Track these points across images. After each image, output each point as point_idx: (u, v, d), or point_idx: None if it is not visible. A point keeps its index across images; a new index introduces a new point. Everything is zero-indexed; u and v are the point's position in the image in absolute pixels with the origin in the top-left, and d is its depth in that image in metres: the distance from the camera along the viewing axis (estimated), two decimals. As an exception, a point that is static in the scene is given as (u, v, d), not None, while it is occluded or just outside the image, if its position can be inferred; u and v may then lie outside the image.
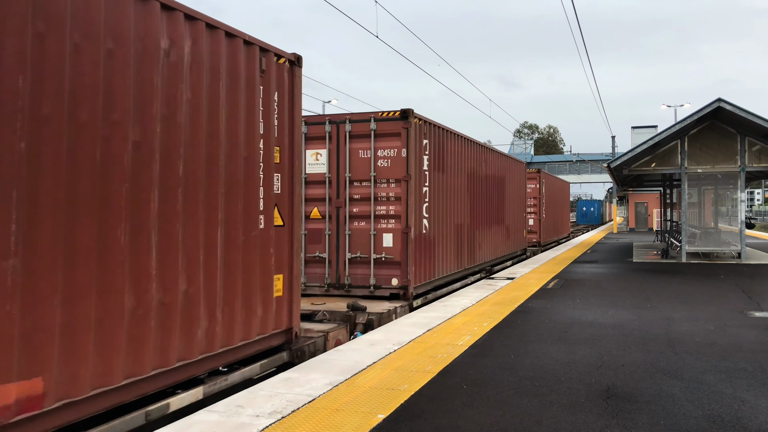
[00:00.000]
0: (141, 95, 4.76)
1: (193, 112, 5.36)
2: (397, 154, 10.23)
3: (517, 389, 5.16)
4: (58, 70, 4.05)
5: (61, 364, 4.05)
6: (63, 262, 4.08)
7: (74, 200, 4.18)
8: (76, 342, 4.17)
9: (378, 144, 10.33)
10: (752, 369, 5.78)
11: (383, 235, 10.28)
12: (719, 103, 15.58)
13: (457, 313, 8.98)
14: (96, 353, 4.33)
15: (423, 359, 6.20)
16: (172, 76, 5.11)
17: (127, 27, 4.61)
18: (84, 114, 4.24)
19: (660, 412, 4.58)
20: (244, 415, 4.50)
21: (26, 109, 3.84)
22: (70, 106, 4.14)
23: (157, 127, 4.90)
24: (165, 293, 4.99)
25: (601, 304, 9.70)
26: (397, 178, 10.22)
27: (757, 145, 16.93)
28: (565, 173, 73.46)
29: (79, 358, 4.19)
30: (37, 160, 3.90)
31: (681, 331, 7.55)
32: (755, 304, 9.71)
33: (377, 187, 10.34)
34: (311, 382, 5.35)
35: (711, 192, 23.38)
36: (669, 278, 13.40)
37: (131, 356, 4.63)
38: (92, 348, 4.29)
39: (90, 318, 4.27)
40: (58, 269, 4.03)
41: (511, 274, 14.46)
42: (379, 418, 4.44)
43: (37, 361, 3.89)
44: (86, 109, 4.26)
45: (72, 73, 4.16)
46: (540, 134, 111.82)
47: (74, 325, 4.15)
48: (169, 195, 5.05)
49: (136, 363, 4.68)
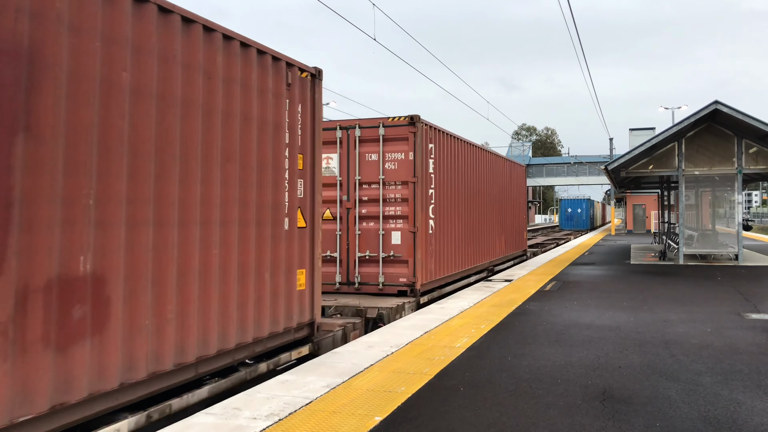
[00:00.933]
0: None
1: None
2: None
3: (514, 391, 5.17)
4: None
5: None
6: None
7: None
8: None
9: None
10: (748, 371, 5.80)
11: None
12: (716, 105, 15.62)
13: (454, 315, 8.99)
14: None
15: (420, 361, 6.21)
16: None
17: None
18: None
19: (656, 413, 4.59)
20: (242, 418, 4.50)
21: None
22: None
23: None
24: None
25: (598, 306, 9.72)
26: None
27: (754, 147, 16.97)
28: (563, 175, 73.54)
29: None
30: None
31: (678, 333, 7.56)
32: (752, 306, 9.74)
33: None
34: (308, 385, 5.36)
35: (708, 194, 23.45)
36: (666, 280, 13.42)
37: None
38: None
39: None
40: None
41: (509, 276, 14.47)
42: (376, 421, 4.45)
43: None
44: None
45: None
46: (538, 136, 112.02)
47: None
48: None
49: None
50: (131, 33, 4.63)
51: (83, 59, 4.23)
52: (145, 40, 4.77)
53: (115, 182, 4.49)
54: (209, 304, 5.49)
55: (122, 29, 4.54)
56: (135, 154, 4.67)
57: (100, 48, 4.35)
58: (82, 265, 4.20)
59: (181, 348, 5.15)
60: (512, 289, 12.01)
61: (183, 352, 5.17)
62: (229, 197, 5.78)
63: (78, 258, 4.17)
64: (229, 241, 5.76)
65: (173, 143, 5.06)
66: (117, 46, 4.50)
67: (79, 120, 4.19)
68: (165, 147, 4.98)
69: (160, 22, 4.93)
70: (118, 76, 4.51)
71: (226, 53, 5.77)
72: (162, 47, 4.95)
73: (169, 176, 5.02)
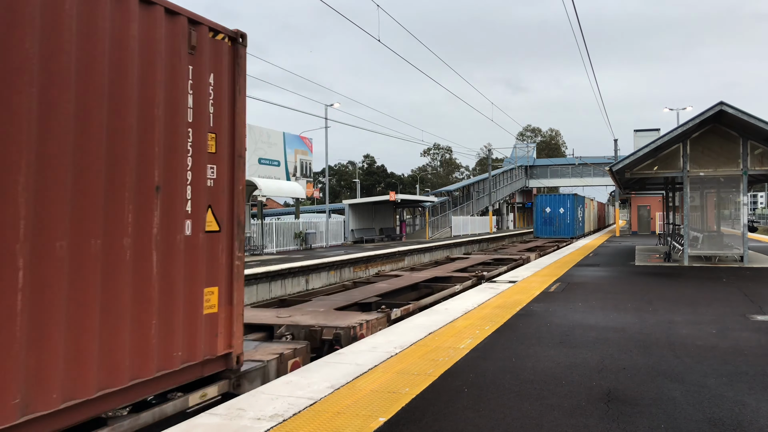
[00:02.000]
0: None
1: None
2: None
3: (518, 392, 5.16)
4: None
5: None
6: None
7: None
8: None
9: None
10: (754, 372, 5.78)
11: None
12: (721, 106, 15.57)
13: (458, 316, 8.98)
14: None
15: (424, 362, 6.21)
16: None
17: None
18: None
19: (661, 415, 4.58)
20: (246, 418, 4.51)
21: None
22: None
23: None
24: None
25: (602, 308, 9.70)
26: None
27: (759, 148, 16.91)
28: (568, 176, 73.43)
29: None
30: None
31: (682, 335, 7.54)
32: (757, 307, 9.70)
33: None
34: (312, 385, 5.37)
35: (713, 195, 23.37)
36: (671, 281, 13.39)
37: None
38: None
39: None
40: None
41: (513, 277, 14.46)
42: (380, 422, 4.45)
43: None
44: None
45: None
46: (543, 137, 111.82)
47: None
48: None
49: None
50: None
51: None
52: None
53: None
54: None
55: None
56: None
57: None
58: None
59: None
60: (516, 290, 12.00)
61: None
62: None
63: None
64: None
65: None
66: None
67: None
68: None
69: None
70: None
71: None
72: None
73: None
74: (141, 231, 4.79)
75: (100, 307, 4.42)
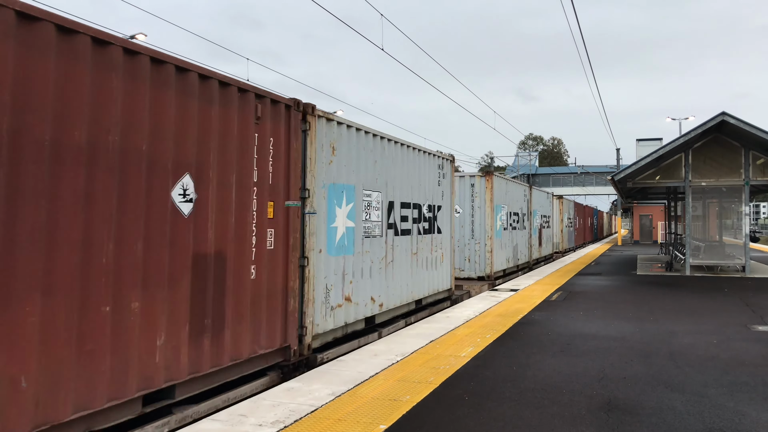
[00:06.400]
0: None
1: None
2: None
3: (518, 401, 5.18)
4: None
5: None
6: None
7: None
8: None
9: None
10: (754, 383, 5.79)
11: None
12: (723, 116, 15.61)
13: (460, 324, 9.00)
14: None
15: (425, 370, 6.22)
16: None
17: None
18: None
19: (661, 425, 4.59)
20: (247, 425, 4.53)
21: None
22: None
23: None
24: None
25: (603, 317, 9.71)
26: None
27: (761, 158, 16.93)
28: (570, 185, 73.42)
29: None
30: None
31: (683, 345, 7.55)
32: (758, 317, 9.70)
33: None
34: (314, 392, 5.39)
35: (715, 205, 23.38)
36: (672, 291, 13.38)
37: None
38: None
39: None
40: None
41: (514, 285, 14.46)
42: (381, 429, 4.47)
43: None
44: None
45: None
46: (545, 146, 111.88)
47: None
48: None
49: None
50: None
51: None
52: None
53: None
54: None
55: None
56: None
57: None
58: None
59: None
60: (518, 298, 12.01)
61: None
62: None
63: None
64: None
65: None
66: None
67: None
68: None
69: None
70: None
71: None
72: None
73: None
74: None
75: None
